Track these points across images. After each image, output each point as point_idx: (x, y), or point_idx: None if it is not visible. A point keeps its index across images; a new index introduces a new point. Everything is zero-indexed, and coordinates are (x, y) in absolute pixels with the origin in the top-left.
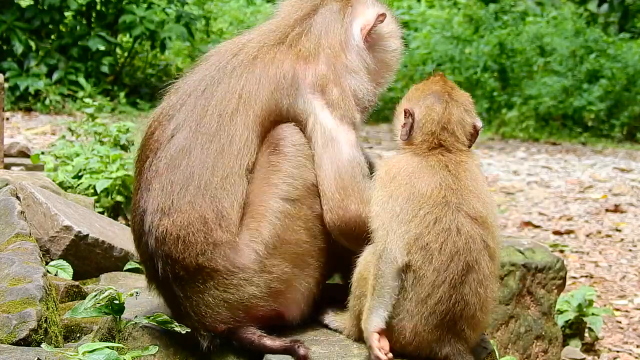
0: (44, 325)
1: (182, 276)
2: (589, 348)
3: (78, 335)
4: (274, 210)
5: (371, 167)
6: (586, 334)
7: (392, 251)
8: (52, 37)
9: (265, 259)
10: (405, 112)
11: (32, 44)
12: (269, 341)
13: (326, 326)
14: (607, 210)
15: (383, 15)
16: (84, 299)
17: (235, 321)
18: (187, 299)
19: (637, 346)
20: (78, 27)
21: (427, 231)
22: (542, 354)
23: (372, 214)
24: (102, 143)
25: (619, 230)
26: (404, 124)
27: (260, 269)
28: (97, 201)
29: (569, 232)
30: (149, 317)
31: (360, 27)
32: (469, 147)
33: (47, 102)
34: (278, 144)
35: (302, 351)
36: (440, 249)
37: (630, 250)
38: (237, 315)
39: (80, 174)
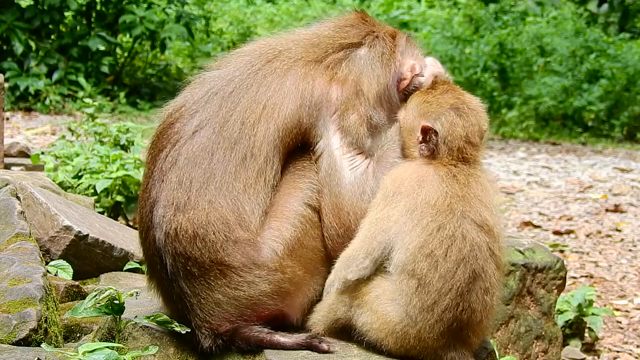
0: (44, 325)
1: (193, 273)
2: (589, 348)
3: (78, 335)
4: (297, 214)
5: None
6: (586, 334)
7: (360, 261)
8: (52, 37)
9: (282, 259)
10: (425, 130)
11: (32, 44)
12: (282, 338)
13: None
14: (607, 210)
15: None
16: (84, 299)
17: (242, 320)
18: (195, 296)
19: (637, 346)
20: (78, 27)
21: (431, 238)
22: (542, 354)
23: (365, 217)
24: (102, 143)
25: (619, 230)
26: (427, 140)
27: (275, 268)
28: (97, 201)
29: (569, 232)
30: (149, 317)
31: (398, 82)
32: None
33: (47, 102)
34: (305, 152)
35: (324, 346)
36: (446, 255)
37: (630, 250)
38: (245, 313)
39: (80, 174)
